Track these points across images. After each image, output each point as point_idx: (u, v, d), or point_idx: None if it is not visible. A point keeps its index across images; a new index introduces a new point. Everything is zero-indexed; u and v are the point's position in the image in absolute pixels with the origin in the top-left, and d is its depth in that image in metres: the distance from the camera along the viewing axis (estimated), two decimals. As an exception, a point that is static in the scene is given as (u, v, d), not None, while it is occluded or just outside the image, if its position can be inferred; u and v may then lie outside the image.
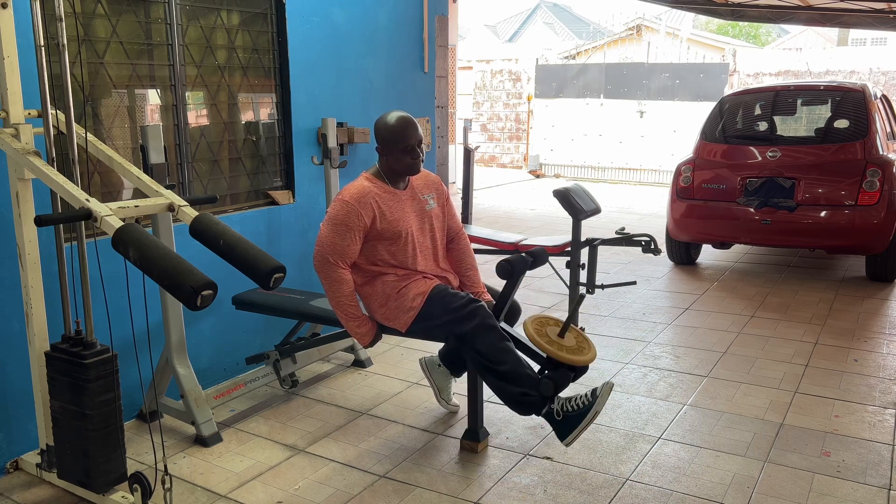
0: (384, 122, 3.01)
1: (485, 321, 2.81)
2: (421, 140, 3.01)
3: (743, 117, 6.62)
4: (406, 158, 2.99)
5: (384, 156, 3.02)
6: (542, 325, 2.89)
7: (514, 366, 2.76)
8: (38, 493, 2.80)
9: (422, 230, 3.10)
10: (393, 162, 3.01)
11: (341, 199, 2.94)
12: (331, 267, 2.93)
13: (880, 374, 3.98)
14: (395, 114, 3.02)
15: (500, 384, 2.78)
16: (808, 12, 9.63)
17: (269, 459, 3.07)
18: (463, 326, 2.82)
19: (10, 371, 2.92)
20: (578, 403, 2.72)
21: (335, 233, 2.91)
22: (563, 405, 2.74)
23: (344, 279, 2.96)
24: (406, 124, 2.98)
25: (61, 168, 2.65)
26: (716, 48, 16.57)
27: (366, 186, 2.98)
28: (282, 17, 3.97)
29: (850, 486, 2.81)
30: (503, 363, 2.76)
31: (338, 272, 2.94)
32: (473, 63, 16.43)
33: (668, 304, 5.42)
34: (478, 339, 2.80)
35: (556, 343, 2.82)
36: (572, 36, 31.75)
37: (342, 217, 2.91)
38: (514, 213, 10.06)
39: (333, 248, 2.92)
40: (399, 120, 2.99)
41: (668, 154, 12.95)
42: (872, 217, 5.54)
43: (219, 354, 3.78)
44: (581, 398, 2.73)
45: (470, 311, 2.83)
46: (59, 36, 2.49)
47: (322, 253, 2.93)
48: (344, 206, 2.92)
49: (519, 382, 2.75)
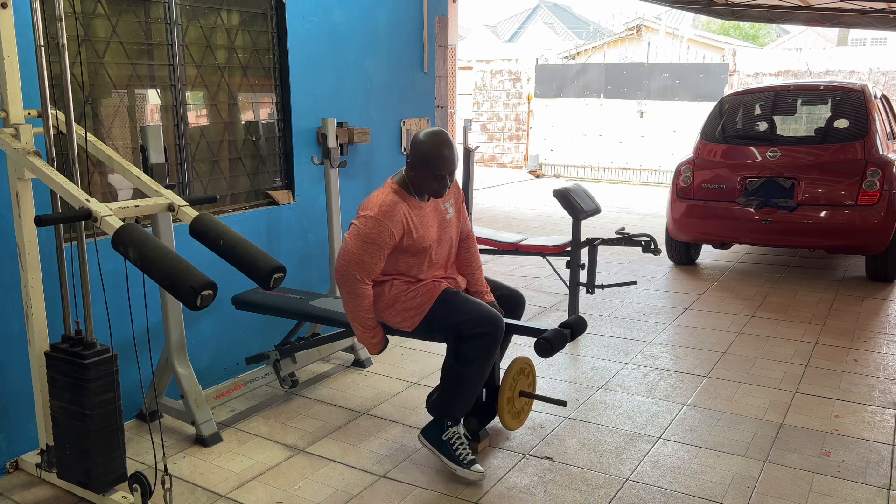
0: (425, 144, 2.87)
1: (493, 334, 2.84)
2: (455, 170, 2.93)
3: (743, 117, 6.62)
4: (433, 184, 2.90)
5: (414, 171, 2.91)
6: (523, 374, 3.13)
7: (474, 387, 2.90)
8: (38, 493, 2.80)
9: (440, 241, 3.05)
10: (419, 182, 2.91)
11: (373, 216, 2.83)
12: (355, 282, 2.87)
13: (880, 374, 3.98)
14: (439, 138, 2.88)
15: (454, 384, 2.89)
16: (808, 12, 9.63)
17: (269, 459, 3.06)
18: (472, 328, 2.84)
19: (10, 371, 2.92)
20: (458, 447, 2.91)
21: (363, 250, 2.83)
22: (453, 436, 2.92)
23: (366, 294, 2.91)
24: (445, 158, 2.86)
25: (61, 168, 2.65)
26: (716, 48, 16.56)
27: (395, 202, 2.87)
28: (282, 17, 3.97)
29: (850, 486, 2.81)
30: (472, 380, 2.87)
31: (361, 287, 2.89)
32: (473, 63, 16.43)
33: (668, 304, 5.42)
34: (475, 344, 2.83)
35: (512, 396, 3.06)
36: (572, 36, 31.76)
37: (374, 235, 2.82)
38: (513, 213, 10.06)
39: (361, 264, 2.84)
40: (441, 148, 2.85)
41: (668, 154, 12.96)
42: (872, 217, 5.54)
43: (219, 354, 3.78)
44: (464, 447, 2.91)
45: (484, 318, 2.84)
46: (59, 36, 2.49)
47: (347, 267, 2.86)
48: (376, 225, 2.82)
49: (464, 398, 2.90)
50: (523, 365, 3.11)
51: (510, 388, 3.03)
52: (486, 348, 2.83)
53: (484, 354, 2.84)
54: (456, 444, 2.91)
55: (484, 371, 2.89)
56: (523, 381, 3.12)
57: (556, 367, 4.09)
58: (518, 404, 3.11)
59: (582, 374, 3.99)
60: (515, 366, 3.06)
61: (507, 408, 3.03)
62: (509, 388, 3.02)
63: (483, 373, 2.89)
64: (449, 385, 2.91)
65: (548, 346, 2.85)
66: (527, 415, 3.20)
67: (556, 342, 2.87)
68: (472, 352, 2.84)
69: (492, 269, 6.45)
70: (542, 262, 6.13)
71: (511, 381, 3.03)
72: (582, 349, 4.40)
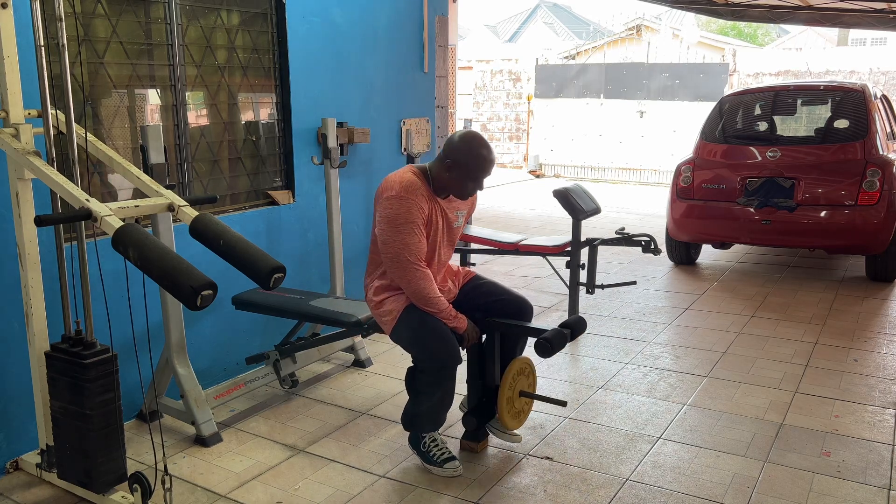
0: (471, 147, 2.81)
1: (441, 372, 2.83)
2: (491, 174, 2.91)
3: (743, 117, 6.62)
4: (469, 185, 2.85)
5: (448, 171, 2.83)
6: (523, 374, 3.12)
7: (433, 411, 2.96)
8: (38, 493, 2.80)
9: (444, 243, 3.01)
10: (451, 182, 2.84)
11: (395, 195, 2.75)
12: (408, 266, 2.76)
13: (880, 374, 3.98)
14: (482, 141, 2.85)
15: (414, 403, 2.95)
16: (808, 12, 9.63)
17: (269, 459, 3.07)
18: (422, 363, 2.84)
19: (10, 371, 2.92)
20: (432, 448, 2.96)
21: (400, 231, 2.74)
22: (427, 441, 2.97)
23: (425, 275, 2.80)
24: (487, 160, 2.83)
25: (61, 168, 2.65)
26: (716, 48, 16.55)
27: (413, 181, 2.80)
28: (282, 17, 3.97)
29: (850, 486, 2.81)
30: (427, 405, 2.92)
31: (418, 270, 2.78)
32: (473, 63, 16.44)
33: (668, 304, 5.42)
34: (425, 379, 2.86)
35: (512, 396, 3.05)
36: (572, 36, 31.75)
37: (404, 213, 2.74)
38: (513, 212, 10.06)
39: (406, 247, 2.74)
40: (484, 150, 2.82)
41: (668, 154, 12.96)
42: (872, 217, 5.54)
43: (219, 354, 3.78)
44: (437, 447, 2.96)
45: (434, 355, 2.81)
46: (59, 36, 2.49)
47: (394, 256, 2.76)
48: (402, 203, 2.74)
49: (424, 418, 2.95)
50: (523, 365, 3.11)
51: (510, 388, 3.03)
52: (435, 383, 2.85)
53: (434, 387, 2.86)
54: (430, 447, 2.96)
55: (440, 399, 2.91)
56: (523, 381, 3.12)
57: (556, 367, 4.09)
58: (518, 404, 3.11)
59: (582, 374, 3.99)
60: (515, 366, 3.06)
61: (507, 408, 3.03)
62: (509, 388, 3.03)
63: (440, 400, 2.92)
64: (410, 403, 2.98)
65: (548, 346, 2.84)
66: (527, 415, 3.19)
67: (555, 342, 2.86)
68: (422, 384, 2.88)
69: (492, 269, 6.45)
70: (542, 262, 6.13)
71: (511, 381, 3.03)
72: (582, 349, 4.40)
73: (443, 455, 2.93)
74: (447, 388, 2.90)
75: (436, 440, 2.97)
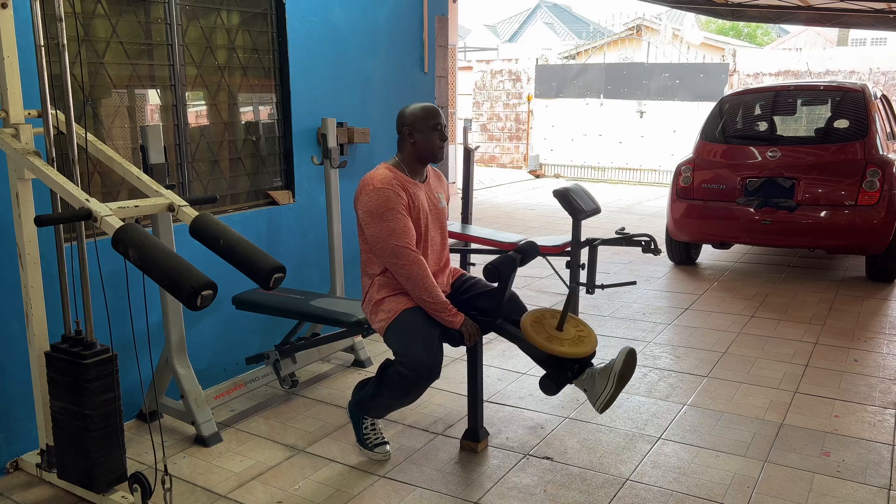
0: (410, 108, 2.95)
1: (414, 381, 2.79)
2: (444, 120, 2.97)
3: (743, 117, 6.62)
4: (436, 138, 2.91)
5: (411, 139, 2.90)
6: (539, 321, 2.88)
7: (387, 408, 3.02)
8: (38, 493, 2.80)
9: (434, 226, 3.03)
10: (422, 143, 2.90)
11: (372, 188, 2.82)
12: (401, 251, 2.78)
13: (880, 374, 3.98)
14: (418, 103, 2.99)
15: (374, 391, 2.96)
16: (808, 12, 9.63)
17: (269, 459, 3.07)
18: (400, 364, 2.80)
19: (10, 371, 2.92)
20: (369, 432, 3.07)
21: (385, 219, 2.78)
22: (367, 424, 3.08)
23: (420, 260, 2.81)
24: (434, 107, 2.95)
25: (61, 168, 2.65)
26: (715, 48, 16.56)
27: (386, 173, 2.87)
28: (282, 17, 3.97)
29: (850, 486, 2.81)
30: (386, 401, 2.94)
31: (411, 253, 2.80)
32: (473, 63, 16.44)
33: (668, 304, 5.42)
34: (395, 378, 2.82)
35: (556, 338, 2.81)
36: (572, 36, 31.76)
37: (384, 201, 2.79)
38: (513, 212, 10.06)
39: (393, 233, 2.78)
40: (426, 104, 2.96)
41: (668, 154, 12.96)
42: (872, 217, 5.54)
43: (219, 354, 3.78)
44: (374, 432, 3.07)
45: (414, 363, 2.77)
46: (59, 36, 2.49)
47: (384, 245, 2.79)
48: (381, 193, 2.80)
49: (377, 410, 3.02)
50: (531, 319, 2.87)
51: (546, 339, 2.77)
52: (405, 389, 2.82)
53: (401, 390, 2.83)
54: (367, 431, 3.07)
55: (401, 401, 2.93)
56: (549, 322, 2.86)
57: (556, 367, 4.08)
58: (569, 332, 2.84)
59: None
60: (525, 323, 2.82)
61: (565, 345, 2.78)
62: (546, 340, 2.77)
63: (400, 402, 2.94)
64: (372, 387, 2.96)
65: (494, 271, 2.79)
66: (587, 328, 2.93)
67: (504, 268, 2.80)
68: (392, 382, 2.83)
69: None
70: (542, 262, 6.11)
71: (538, 337, 2.78)
72: (582, 349, 4.40)
73: (377, 440, 3.07)
74: (413, 396, 2.87)
75: (375, 424, 3.09)
